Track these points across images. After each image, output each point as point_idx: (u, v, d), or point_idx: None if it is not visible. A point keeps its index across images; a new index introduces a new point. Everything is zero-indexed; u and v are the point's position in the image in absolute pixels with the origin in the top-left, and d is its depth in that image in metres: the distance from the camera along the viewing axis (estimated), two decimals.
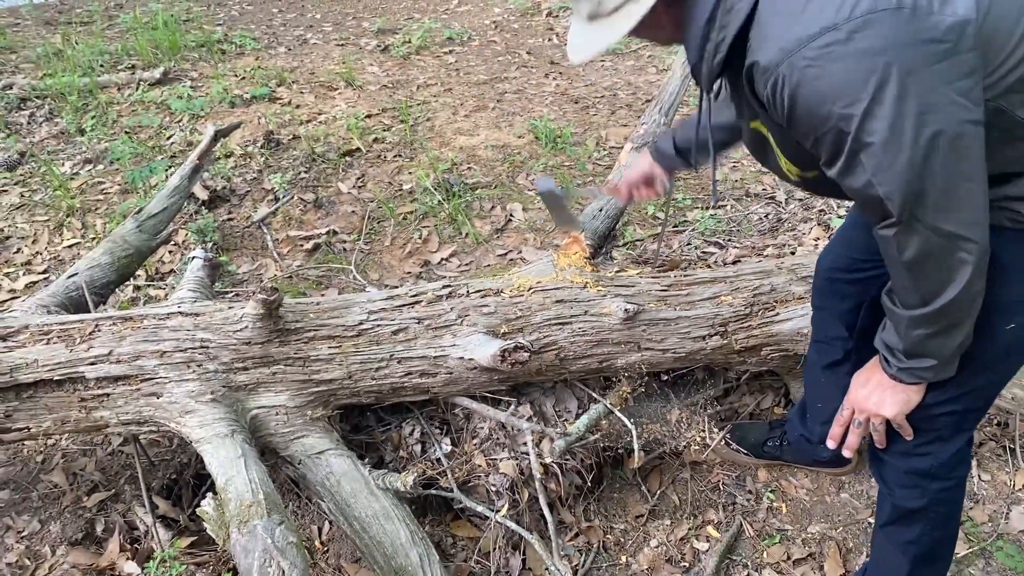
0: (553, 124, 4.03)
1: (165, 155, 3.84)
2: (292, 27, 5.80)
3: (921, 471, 1.59)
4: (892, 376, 1.42)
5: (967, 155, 1.12)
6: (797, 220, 3.09)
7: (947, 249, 1.18)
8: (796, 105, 1.12)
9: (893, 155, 1.09)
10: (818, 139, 1.16)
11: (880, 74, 1.05)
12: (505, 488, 2.08)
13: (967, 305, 1.26)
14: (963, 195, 1.14)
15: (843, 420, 1.56)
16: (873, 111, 1.07)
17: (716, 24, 1.19)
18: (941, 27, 1.05)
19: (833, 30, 1.05)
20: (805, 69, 1.08)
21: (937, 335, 1.30)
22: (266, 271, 3.13)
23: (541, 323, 2.13)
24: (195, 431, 1.94)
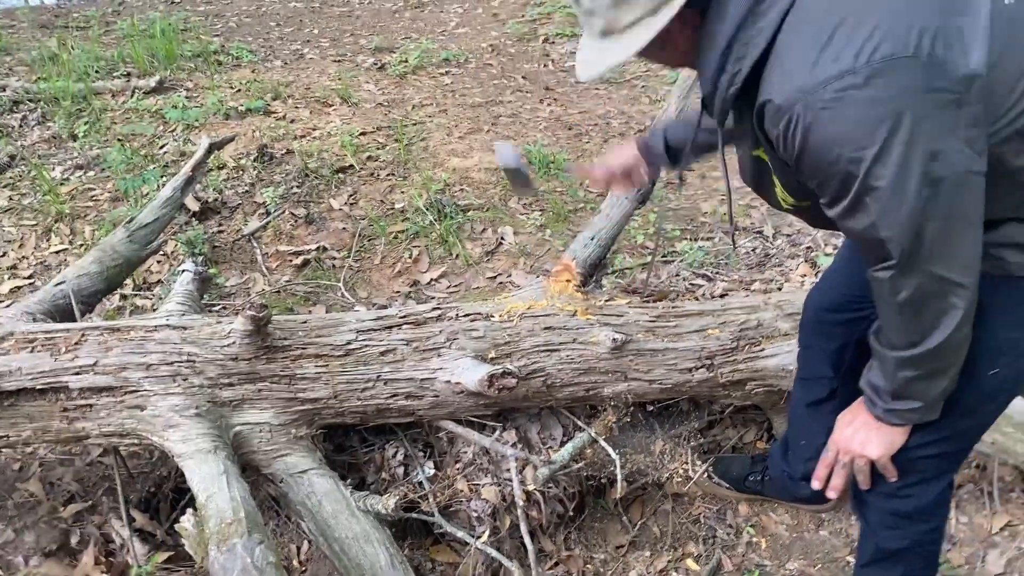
0: (546, 149, 4.06)
1: (158, 164, 3.84)
2: (289, 41, 5.82)
3: (904, 513, 1.60)
4: (877, 417, 1.43)
5: (968, 203, 1.14)
6: (784, 256, 3.12)
7: (940, 294, 1.19)
8: (807, 146, 1.13)
9: (899, 200, 1.11)
10: (824, 180, 1.17)
11: (892, 120, 1.06)
12: (487, 514, 2.07)
13: (955, 349, 1.27)
14: (961, 242, 1.16)
15: (828, 461, 1.56)
16: (883, 157, 1.08)
17: (733, 55, 1.19)
18: (954, 77, 1.07)
19: (851, 74, 1.06)
20: (820, 111, 1.09)
21: (923, 378, 1.32)
22: (254, 285, 3.13)
23: (530, 349, 2.14)
24: (178, 446, 1.92)
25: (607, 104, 4.87)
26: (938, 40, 1.06)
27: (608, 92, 5.07)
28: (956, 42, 1.07)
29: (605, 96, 5.01)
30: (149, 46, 5.09)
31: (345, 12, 6.50)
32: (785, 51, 1.14)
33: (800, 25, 1.12)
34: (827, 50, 1.08)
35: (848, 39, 1.07)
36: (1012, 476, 2.35)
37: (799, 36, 1.12)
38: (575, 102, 4.92)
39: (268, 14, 6.39)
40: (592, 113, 4.73)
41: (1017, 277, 1.28)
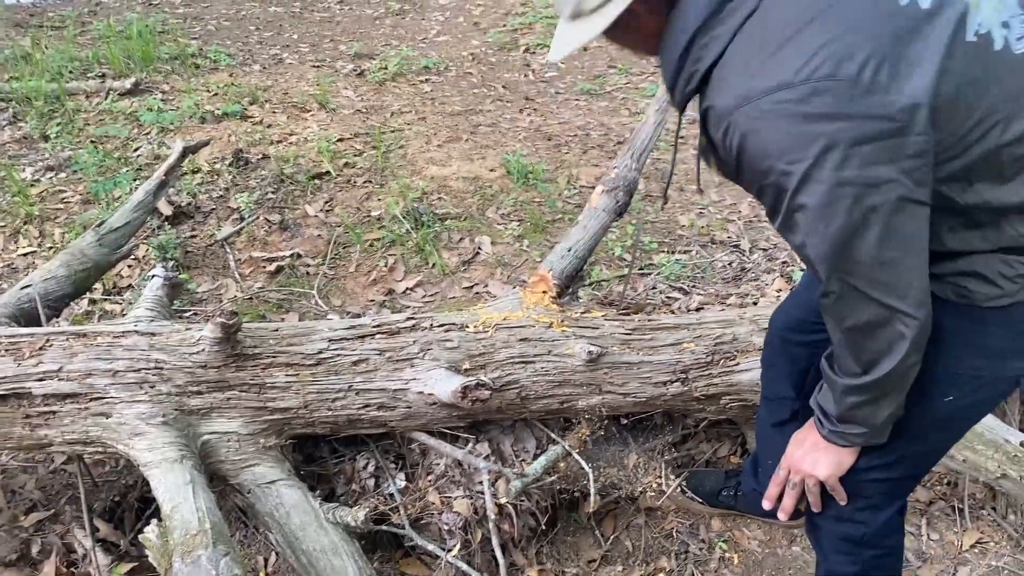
0: (525, 160, 4.05)
1: (131, 167, 3.78)
2: (268, 45, 5.78)
3: (854, 538, 1.60)
4: (825, 438, 1.43)
5: (904, 232, 1.13)
6: (760, 270, 3.13)
7: (885, 321, 1.19)
8: (743, 153, 1.14)
9: (826, 222, 1.11)
10: (760, 189, 1.18)
11: (826, 140, 1.06)
12: (458, 527, 2.05)
13: (901, 377, 1.27)
14: (899, 270, 1.15)
15: (779, 480, 1.57)
16: (813, 175, 1.09)
17: (691, 56, 1.20)
18: (893, 107, 1.06)
19: (789, 88, 1.07)
20: (756, 120, 1.10)
21: (868, 404, 1.32)
22: (226, 291, 3.08)
23: (504, 360, 2.12)
24: (143, 454, 1.89)
25: (587, 115, 4.87)
26: (884, 67, 1.06)
27: (588, 103, 5.08)
28: (902, 70, 1.07)
29: (585, 107, 5.01)
30: (125, 47, 5.03)
31: (326, 18, 6.47)
32: (733, 58, 1.15)
33: (754, 34, 1.14)
34: (771, 62, 1.10)
35: (794, 53, 1.08)
36: (983, 493, 2.37)
37: (749, 45, 1.14)
38: (555, 112, 4.92)
39: (248, 18, 6.34)
40: (572, 124, 4.73)
41: (980, 307, 1.27)
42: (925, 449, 1.50)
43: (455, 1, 6.88)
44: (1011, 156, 1.16)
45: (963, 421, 1.48)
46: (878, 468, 1.47)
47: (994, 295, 1.26)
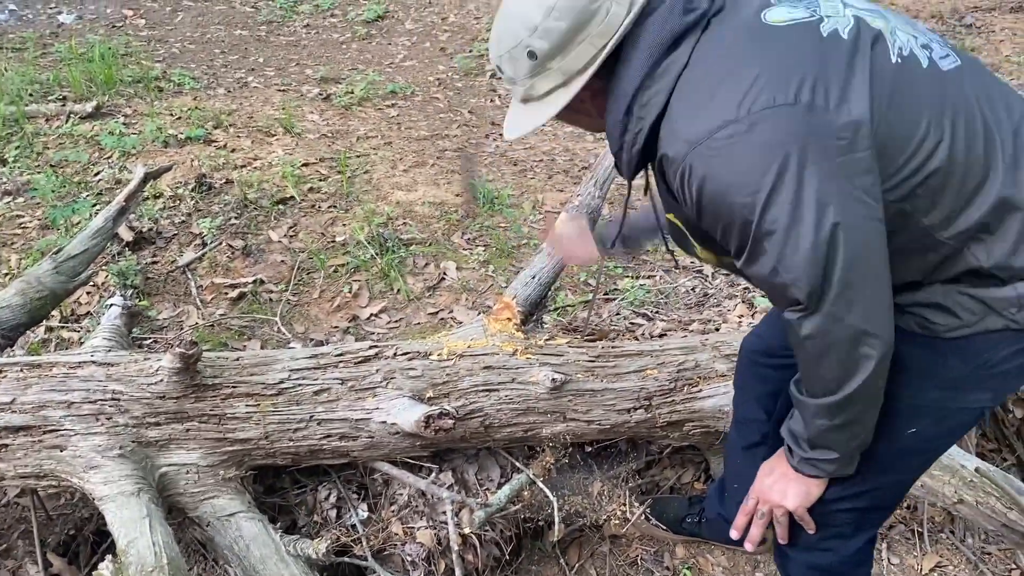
0: (491, 185, 4.06)
1: (91, 192, 3.73)
2: (234, 69, 5.75)
3: (822, 567, 1.61)
4: (795, 468, 1.44)
5: (868, 249, 1.16)
6: (723, 296, 3.16)
7: (851, 341, 1.21)
8: (703, 195, 1.17)
9: (796, 242, 1.13)
10: (725, 228, 1.21)
11: (780, 164, 1.10)
12: (421, 558, 2.03)
13: (869, 400, 1.29)
14: (865, 289, 1.18)
15: (747, 510, 1.58)
16: (774, 199, 1.12)
17: (634, 116, 1.25)
18: (836, 124, 1.11)
19: (735, 123, 1.11)
20: (710, 160, 1.14)
21: (839, 428, 1.33)
22: (188, 318, 3.05)
23: (468, 389, 2.12)
24: (99, 488, 1.85)
25: (552, 141, 4.90)
26: (818, 88, 1.11)
27: (553, 129, 5.11)
28: (838, 92, 1.12)
29: (551, 133, 5.05)
30: (87, 70, 4.97)
31: (292, 41, 6.46)
32: (677, 108, 1.20)
33: (690, 84, 1.19)
34: (712, 103, 1.14)
35: (732, 92, 1.13)
36: (941, 517, 2.40)
37: (689, 93, 1.19)
38: (520, 138, 4.94)
39: (213, 41, 6.31)
40: (537, 149, 4.76)
41: (942, 338, 1.30)
42: (892, 480, 1.51)
43: (422, 26, 6.91)
44: (965, 167, 1.19)
45: (929, 452, 1.50)
46: (846, 499, 1.48)
47: (954, 326, 1.28)
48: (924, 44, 1.24)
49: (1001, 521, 2.02)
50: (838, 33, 1.18)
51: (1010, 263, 1.23)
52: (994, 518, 2.03)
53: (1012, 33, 6.37)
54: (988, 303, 1.26)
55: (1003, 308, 1.25)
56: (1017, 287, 1.24)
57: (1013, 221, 1.22)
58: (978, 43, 6.13)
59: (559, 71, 1.27)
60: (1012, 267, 1.23)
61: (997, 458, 2.60)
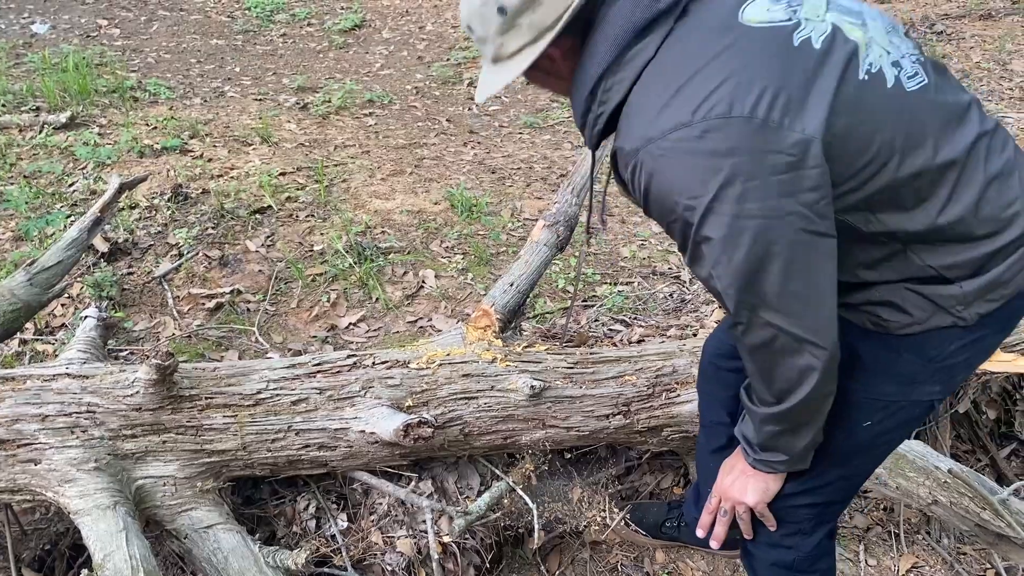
0: (469, 192, 4.07)
1: (66, 203, 3.70)
2: (210, 78, 5.73)
3: (785, 564, 1.63)
4: (751, 465, 1.47)
5: (808, 263, 1.18)
6: (700, 301, 3.18)
7: (794, 351, 1.23)
8: (649, 192, 1.20)
9: (730, 253, 1.15)
10: (669, 225, 1.24)
11: (725, 174, 1.12)
12: (401, 567, 2.03)
13: (816, 406, 1.32)
14: (806, 301, 1.20)
15: (711, 508, 1.61)
16: (714, 208, 1.14)
17: (597, 99, 1.26)
18: (787, 141, 1.12)
19: (687, 127, 1.13)
20: (659, 158, 1.16)
21: (786, 433, 1.36)
22: (164, 329, 3.02)
23: (447, 397, 2.12)
24: (74, 501, 1.83)
25: (530, 148, 4.92)
26: (777, 103, 1.12)
27: (531, 137, 5.13)
28: (795, 107, 1.13)
29: (528, 140, 5.07)
30: (61, 80, 4.93)
31: (268, 51, 6.44)
32: (637, 101, 1.21)
33: (654, 79, 1.20)
34: (671, 102, 1.15)
35: (691, 95, 1.14)
36: (917, 518, 2.43)
37: (652, 87, 1.19)
38: (499, 146, 4.96)
39: (188, 51, 6.28)
40: (515, 157, 4.77)
41: (895, 334, 1.32)
42: (848, 473, 1.54)
43: (399, 35, 6.92)
44: (908, 188, 1.21)
45: (883, 445, 1.53)
46: (804, 493, 1.51)
47: (906, 323, 1.32)
48: (895, 61, 1.24)
49: (975, 521, 2.05)
50: (810, 43, 1.18)
51: (953, 262, 1.27)
52: (968, 518, 2.06)
53: (982, 40, 6.47)
54: (936, 301, 1.29)
55: (950, 306, 1.29)
56: (963, 285, 1.28)
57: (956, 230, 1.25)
58: (948, 50, 6.22)
59: (529, 27, 1.25)
60: (955, 266, 1.27)
61: (971, 459, 2.64)
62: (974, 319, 1.31)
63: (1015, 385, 2.65)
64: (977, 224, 1.25)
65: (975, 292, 1.29)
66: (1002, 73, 5.94)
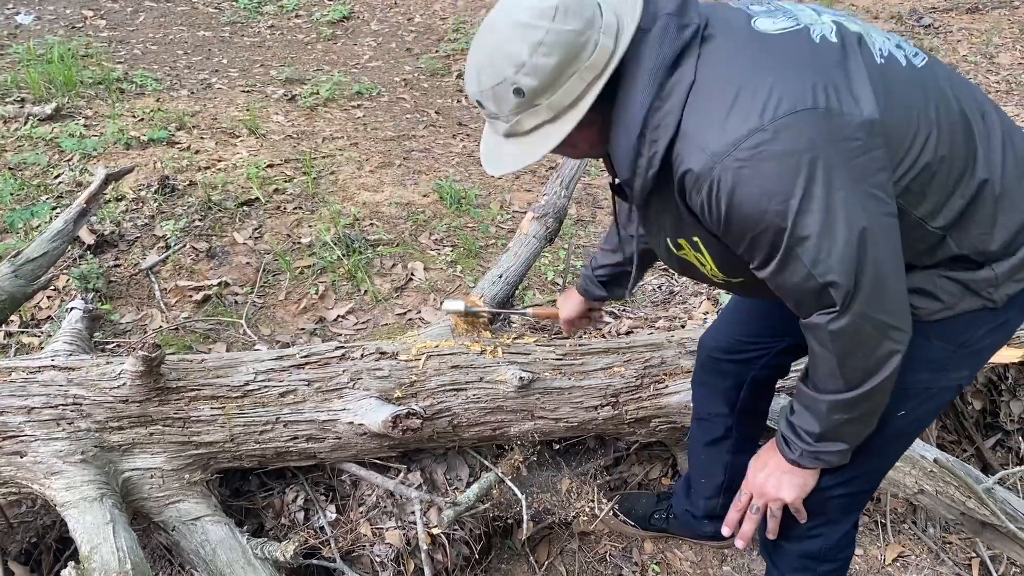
0: (458, 185, 4.06)
1: (51, 195, 3.67)
2: (197, 70, 5.69)
3: (812, 553, 1.64)
4: (791, 461, 1.45)
5: (890, 247, 1.20)
6: (688, 293, 3.19)
7: (877, 338, 1.24)
8: (732, 206, 1.17)
9: (829, 246, 1.15)
10: (754, 239, 1.20)
11: (807, 170, 1.11)
12: (390, 559, 2.03)
13: (888, 390, 1.32)
14: (890, 285, 1.21)
15: (740, 506, 1.58)
16: (806, 206, 1.13)
17: (647, 140, 1.22)
18: (852, 125, 1.13)
19: (760, 131, 1.11)
20: (739, 171, 1.13)
21: (856, 420, 1.36)
22: (151, 322, 3.01)
23: (436, 389, 2.11)
24: (61, 494, 1.82)
25: None
26: (830, 92, 1.13)
27: None
28: (845, 93, 1.14)
29: None
30: (46, 71, 4.88)
31: (256, 42, 6.40)
32: (693, 124, 1.18)
33: (704, 99, 1.17)
34: (732, 115, 1.14)
35: (750, 102, 1.13)
36: (904, 508, 2.44)
37: (705, 108, 1.17)
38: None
39: (175, 42, 6.23)
40: None
41: (925, 321, 1.33)
42: (879, 462, 1.56)
43: (387, 27, 6.89)
44: (949, 161, 1.24)
45: (913, 433, 1.55)
46: (839, 485, 1.51)
47: (936, 309, 1.33)
48: (897, 44, 1.29)
49: (960, 510, 2.06)
50: (826, 38, 1.21)
51: (985, 247, 1.29)
52: (953, 507, 2.07)
53: (969, 33, 6.50)
54: (967, 284, 1.31)
55: (981, 288, 1.31)
56: (994, 267, 1.31)
57: (987, 205, 1.28)
58: (936, 43, 6.25)
59: (548, 107, 1.24)
60: (987, 251, 1.30)
61: (957, 449, 2.66)
62: (1003, 300, 1.33)
63: (1000, 376, 2.67)
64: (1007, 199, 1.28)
65: (1005, 273, 1.31)
66: (989, 66, 5.97)
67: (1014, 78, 5.78)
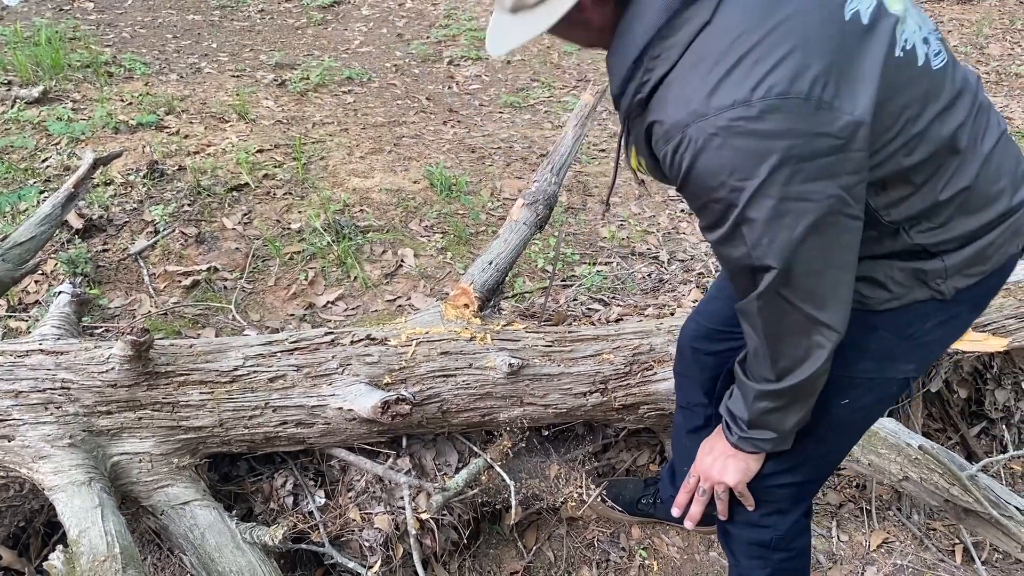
0: (449, 172, 4.05)
1: (39, 179, 3.64)
2: (186, 54, 5.65)
3: (763, 542, 1.65)
4: (733, 444, 1.47)
5: (840, 246, 1.18)
6: (677, 281, 3.20)
7: (806, 331, 1.24)
8: (693, 169, 1.15)
9: (774, 233, 1.14)
10: (705, 204, 1.19)
11: (777, 157, 1.09)
12: (379, 543, 2.04)
13: (815, 385, 1.32)
14: (830, 283, 1.20)
15: (689, 488, 1.60)
16: (763, 190, 1.11)
17: (643, 66, 1.18)
18: (837, 124, 1.10)
19: (745, 105, 1.08)
20: (711, 136, 1.11)
21: (779, 410, 1.36)
22: (140, 307, 3.00)
23: (425, 375, 2.12)
24: (49, 478, 1.82)
25: (510, 128, 4.90)
26: (830, 85, 1.10)
27: (511, 116, 5.11)
28: (845, 87, 1.11)
29: (508, 120, 5.05)
30: (33, 54, 4.84)
31: (246, 27, 6.36)
32: (686, 73, 1.14)
33: (708, 48, 1.13)
34: (727, 79, 1.10)
35: (749, 71, 1.09)
36: (889, 495, 2.47)
37: (703, 57, 1.13)
38: (479, 125, 4.94)
39: (164, 26, 6.18)
40: (495, 136, 4.75)
41: (872, 311, 1.34)
42: (825, 452, 1.56)
43: (378, 12, 6.85)
44: (922, 163, 1.22)
45: (860, 423, 1.55)
46: (783, 473, 1.52)
47: (884, 299, 1.33)
48: (924, 38, 1.23)
49: (944, 496, 2.09)
50: (859, 17, 1.15)
51: (939, 239, 1.29)
52: (937, 494, 2.09)
53: (960, 24, 6.52)
54: (915, 274, 1.31)
55: (931, 279, 1.31)
56: (944, 259, 1.30)
57: (950, 207, 1.27)
58: None
59: None
60: (940, 242, 1.29)
61: (942, 437, 2.68)
62: (951, 293, 1.33)
63: (986, 365, 2.69)
64: (971, 200, 1.27)
65: (956, 266, 1.31)
66: (979, 57, 5.99)
67: (1004, 69, 5.80)
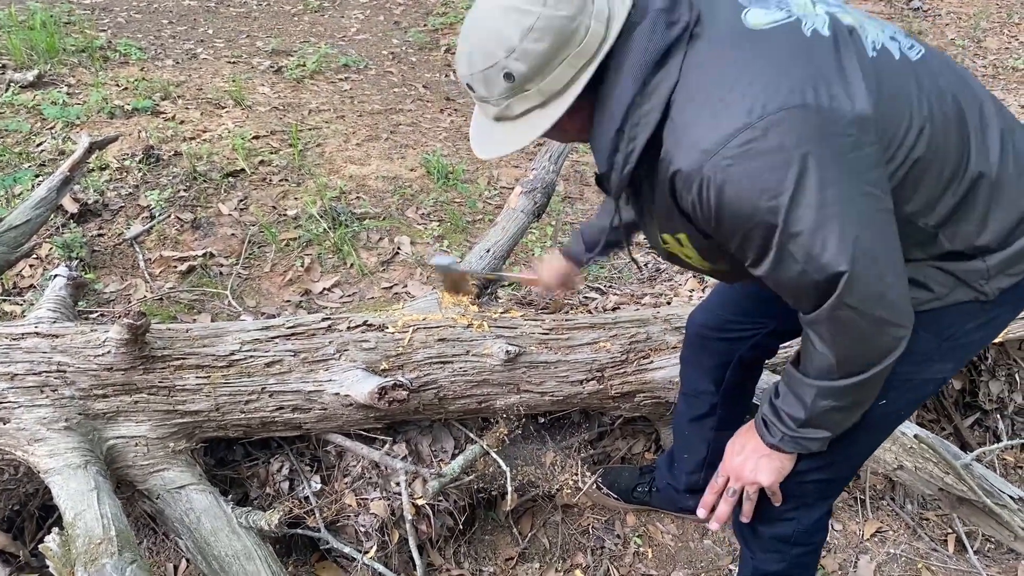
0: (446, 160, 4.05)
1: (33, 163, 3.63)
2: (182, 40, 5.62)
3: (784, 536, 1.65)
4: (771, 444, 1.45)
5: (887, 243, 1.18)
6: (675, 271, 3.20)
7: (876, 333, 1.23)
8: (722, 204, 1.15)
9: (823, 241, 1.13)
10: (746, 236, 1.19)
11: (798, 165, 1.09)
12: (375, 529, 2.04)
13: (879, 385, 1.32)
14: (887, 281, 1.19)
15: (717, 488, 1.57)
16: (798, 200, 1.11)
17: (625, 136, 1.21)
18: (843, 120, 1.11)
19: (749, 128, 1.09)
20: (728, 168, 1.11)
21: (842, 409, 1.35)
22: (135, 292, 2.99)
23: (422, 361, 2.12)
24: (44, 461, 1.82)
25: None
26: (821, 88, 1.11)
27: None
28: (838, 89, 1.12)
29: None
30: (28, 38, 4.81)
31: (242, 13, 6.33)
32: (681, 122, 1.17)
33: (690, 97, 1.16)
34: (722, 113, 1.12)
35: (740, 101, 1.11)
36: (883, 484, 2.48)
37: (692, 106, 1.16)
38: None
39: (160, 11, 6.15)
40: None
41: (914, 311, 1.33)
42: (858, 451, 1.55)
43: None
44: (943, 155, 1.23)
45: (893, 422, 1.54)
46: (815, 471, 1.51)
47: (926, 299, 1.32)
48: (892, 36, 1.26)
49: (938, 485, 2.10)
50: (818, 31, 1.18)
51: (976, 243, 1.28)
52: (932, 482, 2.10)
53: (957, 17, 6.52)
54: (958, 275, 1.31)
55: (973, 280, 1.31)
56: (986, 259, 1.30)
57: (981, 201, 1.27)
58: (924, 26, 6.26)
59: (537, 92, 1.22)
60: (977, 246, 1.29)
61: (936, 428, 2.69)
62: (995, 294, 1.32)
63: (980, 356, 2.70)
64: (1001, 191, 1.27)
65: (998, 266, 1.30)
66: (976, 50, 6.00)
67: (1001, 62, 5.81)
